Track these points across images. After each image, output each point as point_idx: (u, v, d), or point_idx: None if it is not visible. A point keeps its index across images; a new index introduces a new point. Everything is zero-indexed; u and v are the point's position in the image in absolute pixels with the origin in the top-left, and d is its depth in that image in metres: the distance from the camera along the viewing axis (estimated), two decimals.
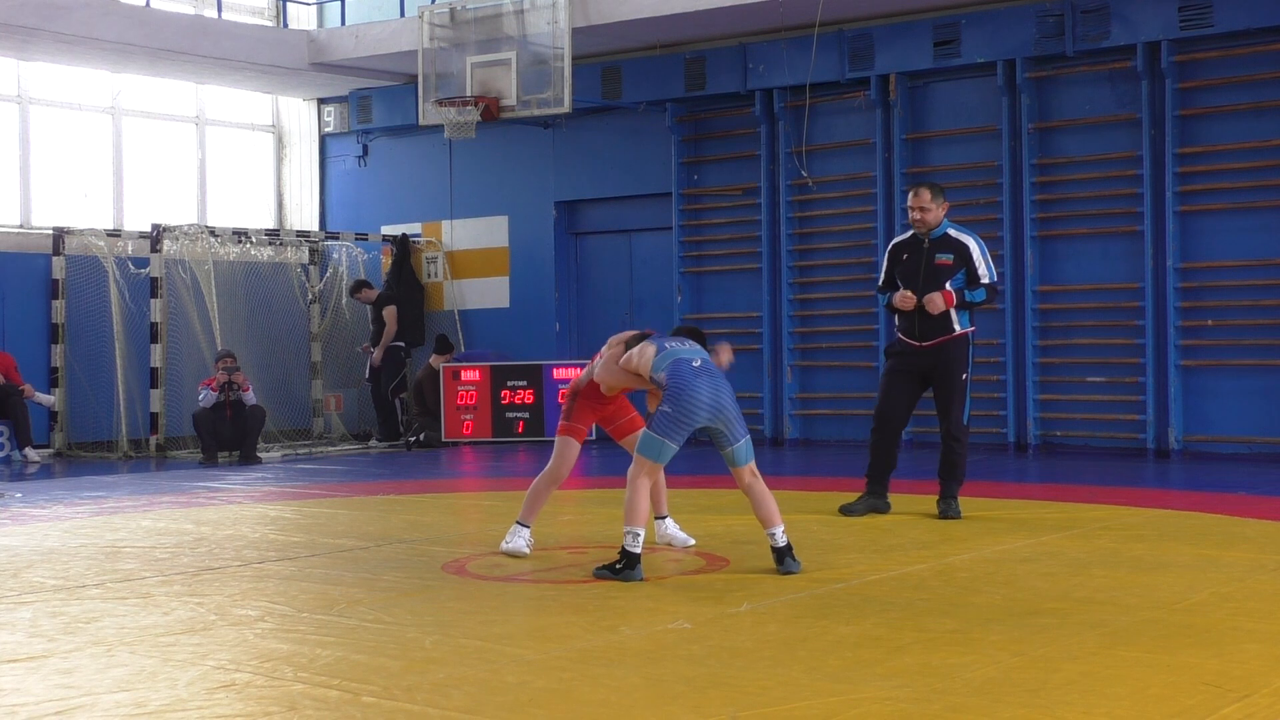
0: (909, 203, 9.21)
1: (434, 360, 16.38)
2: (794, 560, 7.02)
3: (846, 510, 9.16)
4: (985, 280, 9.02)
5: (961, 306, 9.03)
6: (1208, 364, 13.19)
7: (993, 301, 9.05)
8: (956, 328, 9.03)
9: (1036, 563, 7.27)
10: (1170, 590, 6.47)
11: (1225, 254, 13.14)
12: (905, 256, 9.18)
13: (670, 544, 7.95)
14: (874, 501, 9.23)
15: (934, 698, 4.64)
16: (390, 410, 16.78)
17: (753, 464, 7.10)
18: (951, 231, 9.10)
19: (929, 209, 9.05)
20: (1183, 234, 13.24)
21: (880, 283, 9.52)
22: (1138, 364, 13.42)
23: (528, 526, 7.76)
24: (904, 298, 9.09)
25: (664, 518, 8.04)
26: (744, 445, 7.06)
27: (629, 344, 7.37)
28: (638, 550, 6.92)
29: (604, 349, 7.63)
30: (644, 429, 7.15)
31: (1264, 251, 12.95)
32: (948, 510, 9.01)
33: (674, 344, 7.19)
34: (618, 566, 6.94)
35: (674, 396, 6.92)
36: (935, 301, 8.95)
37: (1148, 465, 12.71)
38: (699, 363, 7.06)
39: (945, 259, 9.00)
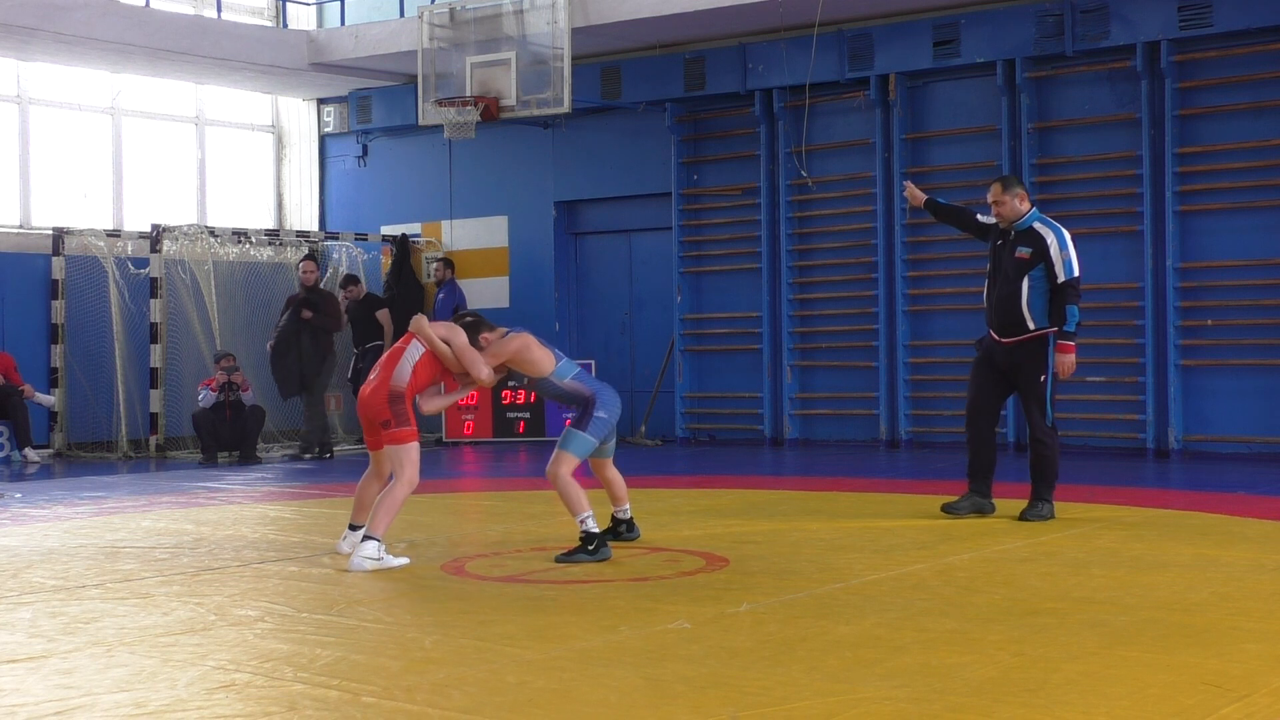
0: (987, 197, 9.04)
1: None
2: (635, 528, 8.17)
3: (950, 509, 8.95)
4: (1062, 277, 8.66)
5: (1059, 330, 8.69)
6: (1207, 364, 13.19)
7: (1077, 299, 8.76)
8: (1031, 326, 8.73)
9: (1036, 563, 7.27)
10: (1170, 590, 6.47)
11: (1225, 254, 13.13)
12: (999, 242, 8.96)
13: (338, 551, 7.83)
14: (977, 500, 9.00)
15: (934, 698, 4.64)
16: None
17: None
18: (1037, 225, 8.83)
19: (1002, 202, 8.84)
20: (1182, 234, 13.24)
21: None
22: (1137, 364, 13.42)
23: (378, 540, 7.42)
24: (912, 195, 9.54)
25: (358, 528, 7.75)
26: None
27: (470, 329, 7.62)
28: (598, 529, 7.53)
29: (411, 355, 7.52)
30: (572, 429, 7.61)
31: (1264, 251, 12.95)
32: (1037, 512, 8.81)
33: (554, 349, 7.85)
34: (590, 548, 7.44)
35: (607, 404, 7.73)
36: (1067, 364, 8.72)
37: (1148, 465, 12.71)
38: (589, 372, 8.06)
39: (1024, 253, 8.76)
